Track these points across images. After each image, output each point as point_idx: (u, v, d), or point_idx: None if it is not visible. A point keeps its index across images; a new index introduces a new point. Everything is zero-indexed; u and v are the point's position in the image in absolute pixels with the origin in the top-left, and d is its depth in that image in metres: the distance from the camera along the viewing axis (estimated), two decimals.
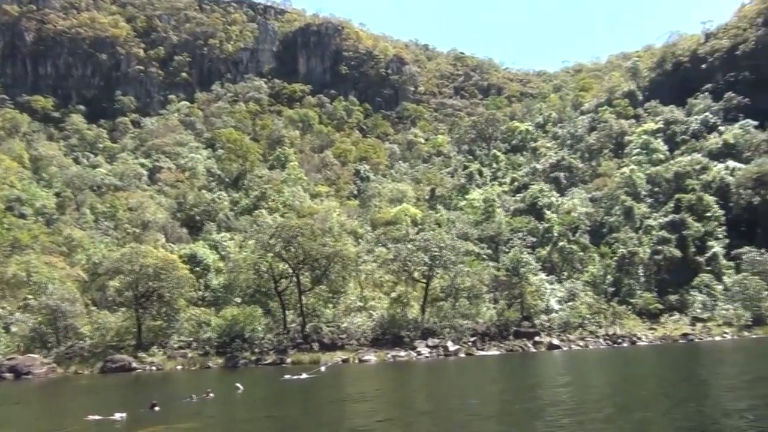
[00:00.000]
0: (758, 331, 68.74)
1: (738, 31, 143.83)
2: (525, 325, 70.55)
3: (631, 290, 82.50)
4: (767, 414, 21.76)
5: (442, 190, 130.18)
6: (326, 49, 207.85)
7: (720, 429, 20.00)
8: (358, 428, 23.81)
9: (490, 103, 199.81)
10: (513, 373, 46.83)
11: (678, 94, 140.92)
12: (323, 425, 25.26)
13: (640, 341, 68.92)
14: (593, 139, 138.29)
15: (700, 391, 29.41)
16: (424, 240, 73.07)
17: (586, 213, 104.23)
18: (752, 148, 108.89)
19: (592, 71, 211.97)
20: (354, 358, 59.41)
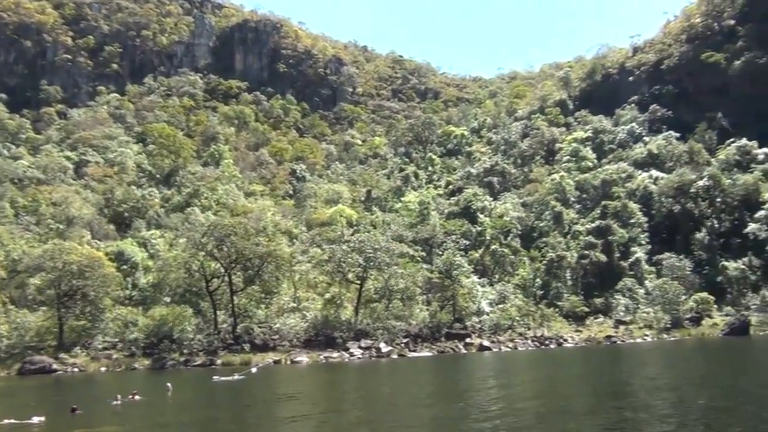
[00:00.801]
0: (676, 334, 72.03)
1: (663, 47, 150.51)
2: (457, 327, 71.63)
3: (559, 293, 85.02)
4: (681, 411, 22.82)
5: (378, 191, 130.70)
6: (264, 47, 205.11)
7: (640, 428, 20.81)
8: (281, 429, 23.59)
9: (427, 107, 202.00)
10: (442, 374, 47.40)
11: (606, 104, 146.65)
12: (247, 427, 24.92)
13: (567, 343, 71.02)
14: (526, 145, 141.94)
15: (622, 391, 30.52)
16: (359, 241, 73.16)
17: (517, 217, 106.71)
18: (674, 158, 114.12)
19: (526, 79, 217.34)
20: (286, 360, 58.85)
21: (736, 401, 24.70)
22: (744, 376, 34.12)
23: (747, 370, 38.71)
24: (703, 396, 26.78)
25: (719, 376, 35.23)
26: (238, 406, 31.57)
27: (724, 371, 38.07)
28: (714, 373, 36.89)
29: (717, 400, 25.27)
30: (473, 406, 27.31)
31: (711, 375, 36.15)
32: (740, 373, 35.95)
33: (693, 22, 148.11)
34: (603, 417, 22.91)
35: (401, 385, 39.30)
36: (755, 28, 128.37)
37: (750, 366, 41.53)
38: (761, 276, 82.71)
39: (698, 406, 24.26)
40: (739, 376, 34.62)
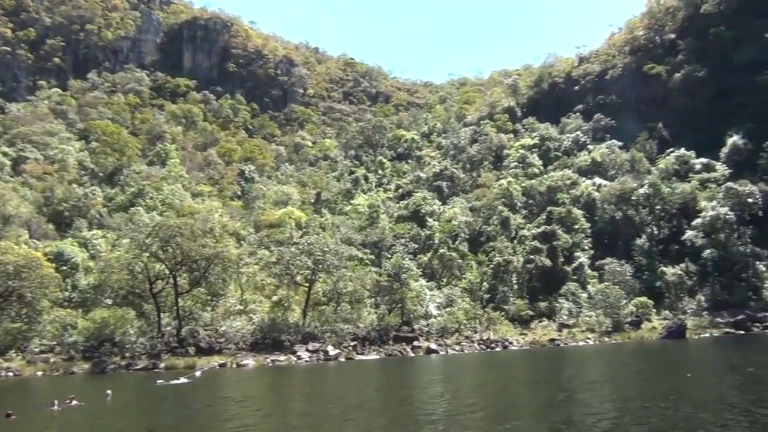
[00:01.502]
0: (617, 337, 74.01)
1: (608, 57, 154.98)
2: (404, 330, 71.90)
3: (505, 297, 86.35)
4: (622, 412, 23.49)
5: (327, 194, 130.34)
6: (214, 45, 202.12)
7: (584, 428, 21.32)
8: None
9: (378, 110, 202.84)
10: (390, 377, 47.50)
11: (553, 112, 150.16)
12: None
13: (512, 346, 72.10)
14: (475, 150, 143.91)
15: (565, 392, 31.17)
16: (308, 244, 72.71)
17: (465, 222, 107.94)
18: (616, 166, 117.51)
19: (476, 86, 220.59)
20: (232, 363, 57.98)
21: (673, 401, 25.55)
22: (680, 378, 35.35)
23: (682, 371, 40.09)
24: (642, 396, 27.65)
25: (657, 377, 36.43)
26: (180, 410, 30.94)
27: (661, 373, 39.36)
28: (652, 375, 38.10)
29: (655, 400, 26.09)
30: (419, 409, 27.45)
31: (649, 376, 37.32)
32: (676, 375, 37.22)
33: (636, 34, 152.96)
34: (548, 417, 23.38)
35: (348, 388, 39.21)
36: (694, 42, 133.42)
37: (685, 368, 43.00)
38: (697, 281, 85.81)
39: (637, 406, 25.01)
40: (675, 377, 35.87)
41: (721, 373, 36.78)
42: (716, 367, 42.18)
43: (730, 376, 34.19)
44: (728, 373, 36.02)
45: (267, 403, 32.84)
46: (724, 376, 34.77)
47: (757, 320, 75.96)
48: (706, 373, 38.50)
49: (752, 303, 79.73)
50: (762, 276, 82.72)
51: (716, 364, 44.93)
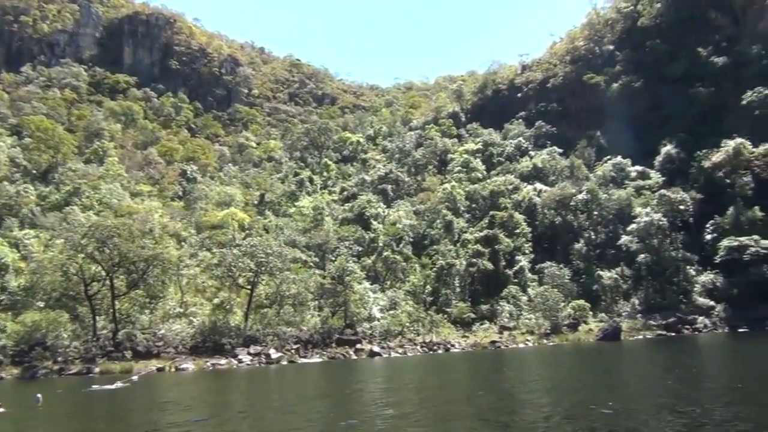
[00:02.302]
0: (555, 339, 75.76)
1: (549, 66, 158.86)
2: (348, 333, 71.74)
3: (448, 300, 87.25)
4: (559, 410, 24.05)
5: (271, 195, 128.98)
6: (156, 41, 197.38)
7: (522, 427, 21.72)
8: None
9: (324, 112, 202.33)
10: (331, 380, 47.30)
11: (496, 118, 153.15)
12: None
13: (454, 348, 72.84)
14: (420, 154, 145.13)
15: (504, 393, 31.70)
16: (250, 245, 71.74)
17: (410, 225, 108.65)
18: (557, 172, 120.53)
19: (422, 90, 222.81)
20: (170, 367, 56.62)
21: (607, 401, 26.32)
22: (614, 378, 36.52)
23: (616, 372, 41.42)
24: (578, 396, 28.37)
25: (592, 377, 37.47)
26: (113, 415, 30.02)
27: (597, 373, 40.54)
28: (588, 375, 39.16)
29: (590, 400, 26.81)
30: (361, 411, 27.40)
31: (585, 377, 38.35)
32: (610, 375, 38.44)
33: (576, 44, 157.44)
34: (489, 419, 23.70)
35: (288, 391, 38.83)
36: (631, 54, 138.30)
37: (620, 368, 44.43)
38: (632, 285, 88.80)
39: (574, 405, 25.62)
40: (610, 377, 37.05)
41: (656, 374, 38.09)
42: (649, 368, 43.68)
43: (663, 376, 35.45)
44: (662, 374, 37.35)
45: (206, 406, 32.17)
46: (659, 377, 36.02)
47: (688, 323, 79.23)
48: (640, 373, 39.85)
49: (683, 306, 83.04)
50: (692, 280, 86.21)
51: (649, 365, 46.54)
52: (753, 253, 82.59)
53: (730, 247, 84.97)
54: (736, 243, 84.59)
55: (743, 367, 39.57)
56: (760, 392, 27.41)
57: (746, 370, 37.28)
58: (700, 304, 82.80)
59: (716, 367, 41.23)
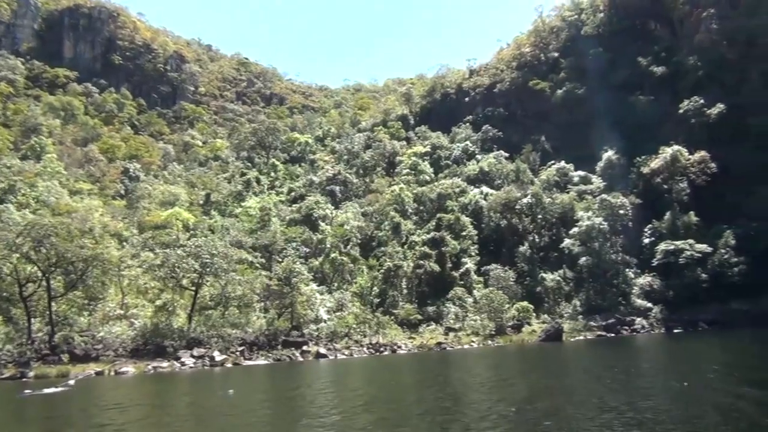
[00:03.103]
0: (499, 340, 76.92)
1: (496, 71, 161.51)
2: (294, 335, 71.14)
3: (395, 301, 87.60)
4: (502, 411, 24.44)
5: (217, 195, 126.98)
6: (98, 35, 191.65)
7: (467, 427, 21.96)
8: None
9: (272, 112, 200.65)
10: (277, 382, 46.84)
11: (444, 122, 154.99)
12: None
13: (401, 350, 73.07)
14: (368, 156, 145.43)
15: (450, 393, 31.99)
16: (195, 246, 70.37)
17: (358, 226, 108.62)
18: (502, 176, 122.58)
19: (371, 92, 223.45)
20: (110, 371, 54.96)
21: (550, 400, 26.89)
22: (555, 378, 37.35)
23: (557, 372, 42.34)
24: (520, 395, 28.89)
25: (535, 377, 38.22)
26: (44, 421, 28.95)
27: (538, 373, 41.36)
28: (530, 375, 39.92)
29: (534, 400, 27.33)
30: (308, 414, 27.23)
31: (528, 377, 39.08)
32: (553, 375, 39.29)
33: (523, 51, 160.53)
34: (433, 420, 23.89)
35: (233, 393, 38.27)
36: (575, 62, 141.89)
37: (561, 368, 45.43)
38: (573, 287, 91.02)
39: (517, 405, 26.06)
40: (552, 377, 37.88)
41: (594, 373, 39.10)
42: (589, 367, 44.82)
43: (601, 375, 36.44)
44: (600, 372, 38.39)
45: (139, 410, 31.37)
46: (599, 376, 36.99)
47: (626, 324, 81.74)
48: (580, 373, 40.87)
49: (622, 307, 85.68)
50: (630, 282, 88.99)
51: (588, 365, 47.75)
52: (688, 256, 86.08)
53: (666, 250, 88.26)
54: (672, 247, 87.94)
55: (678, 366, 41.05)
56: (692, 391, 28.44)
57: (681, 369, 38.69)
58: (638, 306, 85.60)
59: (653, 367, 42.58)
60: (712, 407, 23.47)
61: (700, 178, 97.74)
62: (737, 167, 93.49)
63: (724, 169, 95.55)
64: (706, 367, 37.82)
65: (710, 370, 35.97)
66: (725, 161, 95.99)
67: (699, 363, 42.85)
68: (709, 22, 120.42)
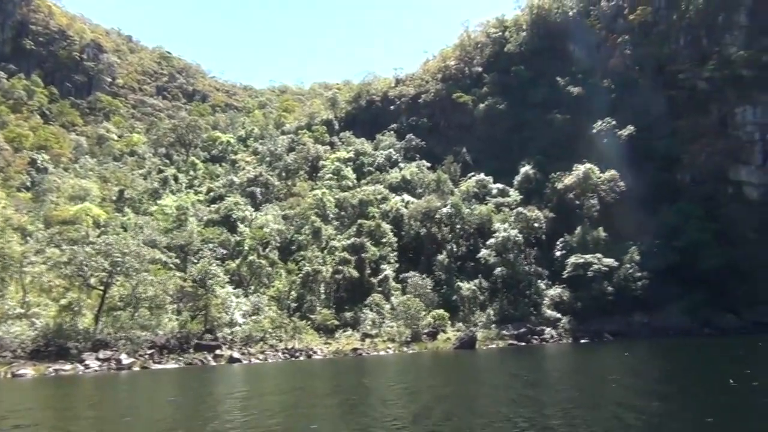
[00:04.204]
0: (415, 347, 77.79)
1: (422, 82, 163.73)
2: (207, 338, 69.58)
3: (312, 306, 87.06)
4: (414, 416, 24.72)
5: (132, 192, 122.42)
6: (9, 18, 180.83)
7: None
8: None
9: (194, 109, 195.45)
10: (186, 387, 45.58)
11: (369, 128, 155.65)
12: None
13: (316, 355, 72.74)
14: (291, 159, 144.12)
15: (365, 399, 32.05)
16: (105, 244, 67.66)
17: (277, 229, 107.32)
18: (424, 185, 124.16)
19: (297, 95, 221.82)
20: (6, 373, 51.92)
21: (449, 407, 27.47)
22: (460, 386, 38.20)
23: (465, 379, 43.25)
24: (422, 402, 29.32)
25: (447, 385, 38.83)
26: None
27: (446, 380, 42.08)
28: (438, 383, 40.52)
29: (433, 407, 27.81)
30: (217, 420, 26.64)
31: (435, 384, 39.63)
32: (459, 382, 40.14)
33: (448, 63, 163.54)
34: (344, 426, 23.88)
35: (136, 400, 36.95)
36: (497, 77, 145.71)
37: (470, 376, 46.42)
38: (488, 296, 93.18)
39: (415, 411, 26.42)
40: (458, 384, 38.75)
41: (501, 382, 40.16)
42: (496, 375, 45.99)
43: (509, 383, 37.49)
44: (506, 381, 39.48)
45: (32, 416, 29.82)
46: (497, 385, 38.01)
47: (536, 333, 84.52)
48: (486, 381, 41.88)
49: (533, 317, 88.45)
50: (542, 293, 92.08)
51: (497, 372, 49.01)
52: (596, 269, 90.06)
53: (576, 263, 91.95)
54: (581, 260, 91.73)
55: (583, 375, 42.76)
56: (595, 398, 29.69)
57: (587, 378, 40.33)
58: (548, 316, 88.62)
59: (555, 376, 44.13)
60: (604, 417, 24.53)
61: (610, 195, 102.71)
62: (643, 187, 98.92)
63: (632, 187, 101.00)
64: (606, 377, 39.52)
65: (610, 380, 37.59)
66: (633, 180, 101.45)
67: (600, 373, 44.75)
68: (623, 47, 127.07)
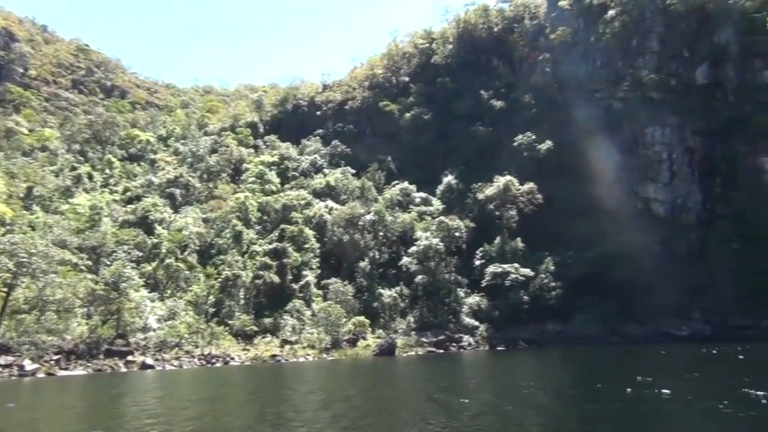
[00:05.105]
0: (335, 354, 77.63)
1: (349, 89, 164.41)
2: (119, 344, 67.10)
3: (231, 312, 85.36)
4: (327, 424, 24.69)
5: (42, 189, 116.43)
6: None
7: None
8: None
9: (112, 105, 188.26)
10: (94, 395, 43.80)
11: (295, 133, 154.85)
12: None
13: (234, 361, 71.40)
14: (214, 161, 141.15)
15: (280, 407, 31.74)
16: (10, 243, 64.14)
17: (197, 232, 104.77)
18: (348, 192, 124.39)
19: (221, 95, 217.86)
20: None
21: (377, 414, 27.59)
22: (382, 391, 38.43)
23: (377, 386, 43.58)
24: (349, 410, 29.36)
25: (363, 391, 39.03)
26: None
27: (367, 387, 42.27)
28: (359, 389, 40.66)
29: (360, 413, 27.88)
30: (111, 427, 25.77)
31: (357, 391, 39.76)
32: (380, 389, 40.37)
33: (375, 72, 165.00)
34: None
35: (40, 409, 35.22)
36: (424, 88, 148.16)
37: (391, 382, 46.77)
38: (409, 304, 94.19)
39: (345, 418, 26.44)
40: (378, 391, 38.96)
41: (418, 387, 40.67)
42: (410, 382, 46.55)
43: (425, 389, 38.03)
44: (423, 386, 40.04)
45: None
46: (420, 389, 38.51)
47: (455, 340, 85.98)
48: (397, 387, 42.31)
49: (452, 325, 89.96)
50: (461, 301, 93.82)
51: (411, 379, 49.60)
52: (513, 279, 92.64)
53: (495, 272, 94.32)
54: (500, 269, 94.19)
55: (497, 382, 43.85)
56: (507, 405, 30.53)
57: (502, 384, 41.39)
58: (466, 324, 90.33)
59: (464, 383, 45.09)
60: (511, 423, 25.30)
61: (528, 207, 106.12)
62: (559, 200, 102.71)
63: (549, 200, 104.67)
64: (517, 384, 40.69)
65: (519, 386, 38.72)
66: (550, 193, 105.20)
67: (512, 379, 46.03)
68: (544, 65, 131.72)
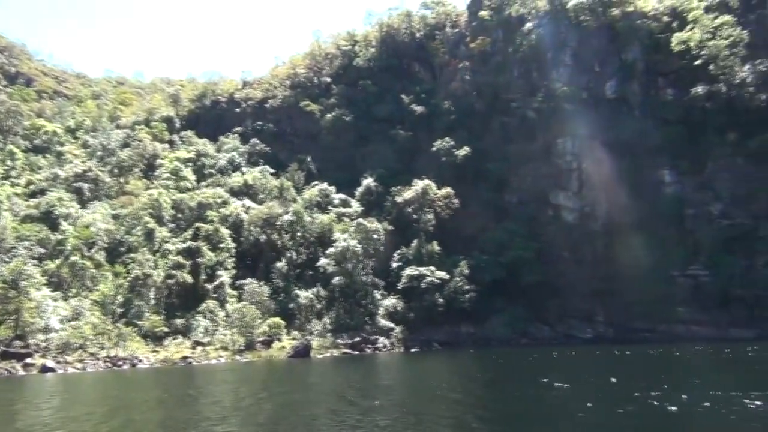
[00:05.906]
0: (248, 355, 76.43)
1: (269, 87, 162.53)
2: (17, 345, 63.64)
3: (140, 312, 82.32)
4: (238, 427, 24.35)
5: None
6: None
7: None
8: None
9: (16, 93, 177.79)
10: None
11: (212, 129, 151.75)
12: None
13: (142, 363, 69.09)
14: (126, 155, 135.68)
15: (189, 411, 31.00)
16: None
17: (106, 229, 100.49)
18: (266, 191, 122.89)
19: (135, 88, 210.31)
20: None
21: (282, 416, 27.42)
22: (294, 394, 38.33)
23: (299, 388, 43.39)
24: (262, 412, 29.02)
25: (274, 394, 38.70)
26: None
27: (280, 389, 41.97)
28: (271, 392, 40.31)
29: (265, 414, 27.63)
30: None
31: (268, 394, 39.39)
32: (293, 391, 40.19)
33: (297, 71, 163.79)
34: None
35: None
36: (345, 89, 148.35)
37: (304, 384, 46.60)
38: (325, 305, 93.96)
39: (254, 421, 26.13)
40: (290, 394, 38.81)
41: (331, 389, 40.72)
42: (332, 382, 46.59)
43: (338, 390, 38.11)
44: (335, 388, 40.11)
45: None
46: (333, 391, 38.57)
47: (370, 342, 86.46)
48: (322, 387, 42.28)
49: (368, 327, 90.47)
50: (377, 303, 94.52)
51: (321, 381, 49.64)
52: (428, 282, 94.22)
53: (411, 275, 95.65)
54: (416, 272, 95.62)
55: (410, 383, 44.45)
56: (418, 405, 31.01)
57: (415, 385, 41.98)
58: (382, 326, 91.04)
59: (387, 383, 45.56)
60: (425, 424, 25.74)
61: (445, 211, 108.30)
62: (475, 205, 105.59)
63: (465, 205, 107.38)
64: (429, 385, 41.43)
65: (431, 387, 39.44)
66: (466, 198, 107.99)
67: (425, 381, 46.81)
68: (463, 73, 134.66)
